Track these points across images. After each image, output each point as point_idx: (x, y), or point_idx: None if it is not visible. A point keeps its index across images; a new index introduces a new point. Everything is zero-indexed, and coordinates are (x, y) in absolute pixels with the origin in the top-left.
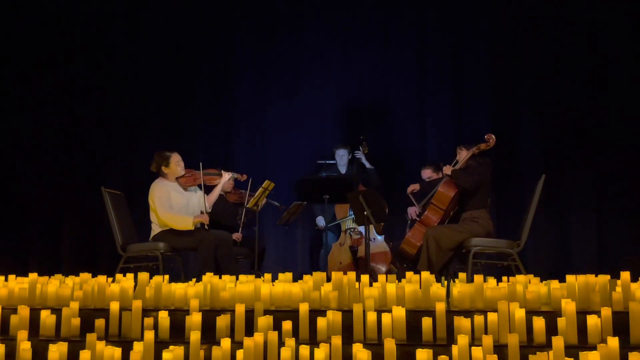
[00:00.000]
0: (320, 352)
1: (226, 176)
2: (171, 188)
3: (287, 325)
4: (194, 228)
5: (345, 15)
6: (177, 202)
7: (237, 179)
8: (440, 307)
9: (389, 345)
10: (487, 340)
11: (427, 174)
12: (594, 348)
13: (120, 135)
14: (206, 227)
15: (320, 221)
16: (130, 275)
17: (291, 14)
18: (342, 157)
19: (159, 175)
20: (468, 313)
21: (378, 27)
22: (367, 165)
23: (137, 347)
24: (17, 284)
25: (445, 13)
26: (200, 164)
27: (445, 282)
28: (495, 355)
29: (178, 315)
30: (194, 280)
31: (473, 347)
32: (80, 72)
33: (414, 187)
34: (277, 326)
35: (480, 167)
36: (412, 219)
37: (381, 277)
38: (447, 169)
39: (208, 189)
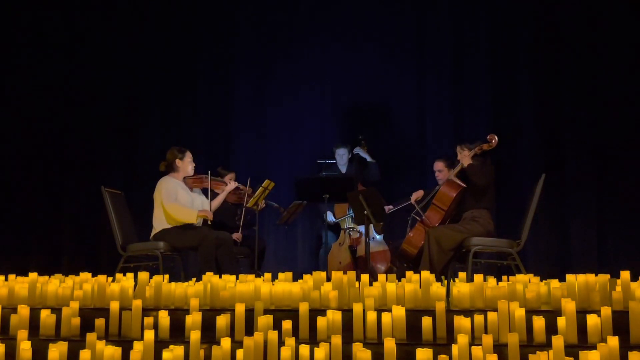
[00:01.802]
0: (320, 351)
1: (232, 185)
2: (178, 185)
3: (287, 324)
4: (196, 222)
5: (345, 14)
6: (183, 198)
7: (241, 191)
8: (440, 306)
9: (389, 344)
10: (487, 339)
11: (439, 166)
12: (594, 347)
13: (120, 134)
14: (209, 222)
15: (330, 216)
16: (130, 275)
17: (291, 14)
18: (342, 157)
19: (165, 174)
20: (468, 312)
21: (377, 25)
22: (369, 159)
23: (137, 346)
24: (17, 284)
25: (445, 11)
26: (209, 172)
27: (445, 282)
28: (495, 355)
29: (178, 314)
30: (194, 280)
31: (473, 347)
32: (80, 71)
33: (418, 194)
34: (277, 326)
35: (485, 166)
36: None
37: (381, 277)
38: (466, 160)
39: (212, 197)
